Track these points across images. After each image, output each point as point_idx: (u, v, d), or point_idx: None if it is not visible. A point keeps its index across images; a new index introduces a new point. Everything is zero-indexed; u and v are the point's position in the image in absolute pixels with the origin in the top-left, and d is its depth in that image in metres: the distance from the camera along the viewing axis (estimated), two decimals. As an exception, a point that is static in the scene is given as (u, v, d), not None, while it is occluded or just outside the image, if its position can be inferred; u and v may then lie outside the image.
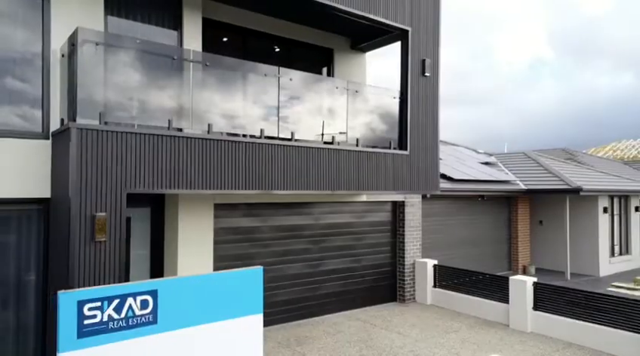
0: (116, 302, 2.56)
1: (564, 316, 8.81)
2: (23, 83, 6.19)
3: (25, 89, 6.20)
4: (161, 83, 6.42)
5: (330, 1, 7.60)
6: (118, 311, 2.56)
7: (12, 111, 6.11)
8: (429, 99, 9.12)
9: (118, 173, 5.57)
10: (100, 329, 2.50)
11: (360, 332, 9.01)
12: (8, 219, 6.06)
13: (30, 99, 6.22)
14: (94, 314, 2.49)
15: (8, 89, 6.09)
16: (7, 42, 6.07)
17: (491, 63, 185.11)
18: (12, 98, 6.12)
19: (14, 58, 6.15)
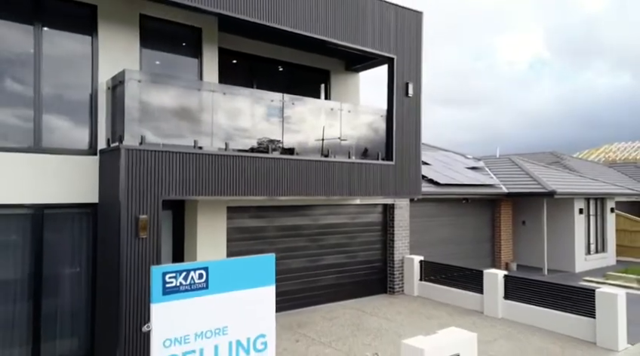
0: (184, 273, 3.94)
1: (529, 303, 10.24)
2: (76, 110, 7.62)
3: (78, 115, 7.62)
4: (187, 109, 7.85)
5: (328, 37, 9.04)
6: (185, 279, 3.94)
7: (68, 133, 7.54)
8: (412, 116, 10.55)
9: (155, 184, 6.99)
10: (175, 290, 3.88)
11: (353, 318, 10.42)
12: (65, 219, 7.48)
13: (82, 123, 7.64)
14: (172, 280, 3.88)
15: (65, 115, 7.52)
16: (66, 78, 7.50)
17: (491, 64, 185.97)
18: (68, 122, 7.55)
19: (70, 90, 7.58)
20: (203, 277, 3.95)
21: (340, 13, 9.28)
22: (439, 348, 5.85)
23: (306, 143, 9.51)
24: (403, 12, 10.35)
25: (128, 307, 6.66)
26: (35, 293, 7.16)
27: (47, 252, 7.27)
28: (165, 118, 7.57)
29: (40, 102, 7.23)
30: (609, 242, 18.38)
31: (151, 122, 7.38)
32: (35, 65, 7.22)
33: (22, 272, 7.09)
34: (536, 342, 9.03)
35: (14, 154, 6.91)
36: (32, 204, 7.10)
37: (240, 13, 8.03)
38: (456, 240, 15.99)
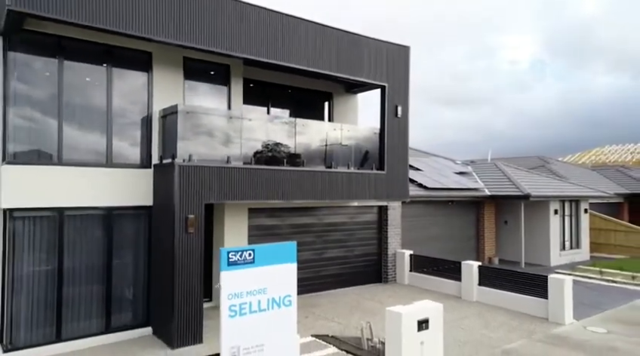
0: (240, 252, 6.02)
1: (498, 289, 12.36)
2: (136, 133, 9.78)
3: (137, 137, 9.78)
4: (220, 132, 10.00)
5: (331, 72, 11.20)
6: (240, 256, 6.03)
7: (129, 151, 9.70)
8: (400, 133, 12.69)
9: (199, 191, 9.12)
10: (234, 263, 5.97)
11: (352, 301, 12.55)
12: (127, 218, 9.62)
13: (140, 144, 9.80)
14: (232, 257, 5.96)
15: (127, 138, 9.68)
16: (128, 109, 9.67)
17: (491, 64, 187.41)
18: (130, 143, 9.71)
19: (131, 118, 9.74)
20: (251, 255, 6.04)
21: (341, 52, 11.43)
22: (413, 313, 7.97)
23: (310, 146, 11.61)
24: (393, 47, 12.49)
25: (180, 285, 8.81)
26: (107, 276, 9.31)
27: (115, 244, 9.42)
28: (205, 138, 9.72)
29: (110, 128, 9.40)
30: (583, 240, 20.46)
31: (194, 142, 9.52)
32: (108, 99, 9.38)
33: (98, 260, 9.24)
34: (500, 318, 11.16)
35: (93, 168, 9.07)
36: (105, 207, 9.25)
37: (258, 56, 10.18)
38: (444, 237, 18.10)
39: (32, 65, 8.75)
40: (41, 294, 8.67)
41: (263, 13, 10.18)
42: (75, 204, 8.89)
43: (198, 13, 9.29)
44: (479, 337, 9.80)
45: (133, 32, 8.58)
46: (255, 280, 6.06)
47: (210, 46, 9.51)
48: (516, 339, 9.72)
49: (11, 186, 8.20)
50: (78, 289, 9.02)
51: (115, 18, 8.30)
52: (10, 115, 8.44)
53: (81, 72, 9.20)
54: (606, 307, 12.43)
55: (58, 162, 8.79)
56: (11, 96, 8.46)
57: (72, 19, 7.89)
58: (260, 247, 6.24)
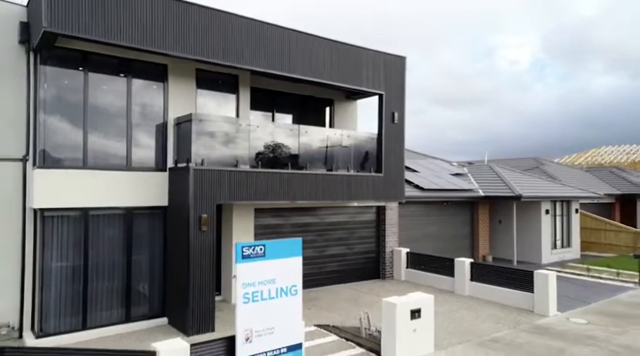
0: (252, 247, 6.85)
1: (488, 284, 13.20)
2: (152, 139, 10.62)
3: (153, 143, 10.62)
4: (230, 138, 10.84)
5: (332, 81, 12.05)
6: (253, 250, 6.86)
7: (147, 156, 10.54)
8: (397, 138, 13.53)
9: (211, 192, 9.96)
10: (247, 256, 6.80)
11: (351, 295, 13.39)
12: (146, 217, 10.46)
13: (156, 149, 10.64)
14: (246, 251, 6.79)
15: (145, 144, 10.52)
16: (146, 116, 10.51)
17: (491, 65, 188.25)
18: (147, 149, 10.55)
19: (148, 125, 10.58)
20: (262, 249, 6.86)
21: (342, 62, 12.27)
22: (407, 303, 8.81)
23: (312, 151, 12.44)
24: (390, 58, 13.34)
25: (195, 278, 9.65)
26: (127, 270, 10.16)
27: (134, 241, 10.27)
28: (216, 143, 10.56)
29: (130, 134, 10.25)
30: (573, 238, 21.29)
31: (207, 147, 10.36)
32: (127, 107, 10.23)
33: (118, 256, 10.08)
34: (489, 311, 12.00)
35: (115, 172, 9.91)
36: (125, 207, 10.10)
37: (264, 68, 11.01)
38: (440, 236, 18.94)
39: (60, 77, 9.60)
40: (68, 286, 9.52)
41: (268, 28, 11.02)
42: (98, 205, 9.74)
43: (209, 29, 10.12)
44: (469, 327, 10.63)
45: (152, 48, 9.42)
46: (265, 272, 6.90)
47: (220, 59, 10.34)
48: (503, 329, 10.55)
49: (42, 188, 9.04)
50: (102, 282, 9.87)
51: (135, 36, 9.14)
52: (41, 123, 9.29)
53: (103, 83, 10.05)
54: (589, 301, 13.27)
55: (83, 166, 9.64)
56: (41, 106, 9.31)
57: (98, 38, 8.74)
58: (270, 242, 7.08)
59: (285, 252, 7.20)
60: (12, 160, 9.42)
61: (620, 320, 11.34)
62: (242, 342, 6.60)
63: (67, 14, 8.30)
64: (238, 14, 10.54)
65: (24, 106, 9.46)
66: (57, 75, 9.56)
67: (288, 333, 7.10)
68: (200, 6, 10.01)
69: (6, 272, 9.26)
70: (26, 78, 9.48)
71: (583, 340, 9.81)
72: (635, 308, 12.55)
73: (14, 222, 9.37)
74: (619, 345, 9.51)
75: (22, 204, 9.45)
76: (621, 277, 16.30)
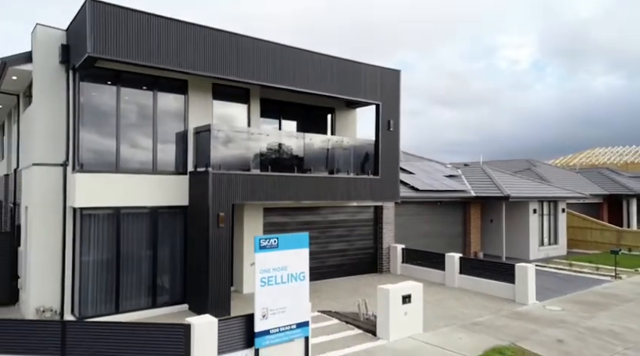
0: (268, 240, 8.16)
1: (474, 276, 14.53)
2: (174, 146, 11.97)
3: (175, 149, 11.97)
4: (243, 145, 12.19)
5: (333, 94, 13.39)
6: (268, 242, 8.17)
7: (169, 161, 11.88)
8: (393, 143, 14.88)
9: (227, 193, 11.29)
10: (264, 247, 8.12)
11: (351, 287, 14.72)
12: (168, 215, 11.80)
13: (177, 155, 11.99)
14: (263, 242, 8.11)
15: (168, 150, 11.87)
16: (169, 126, 11.86)
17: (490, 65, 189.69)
18: (170, 155, 11.90)
19: (171, 134, 11.93)
20: (276, 242, 8.19)
21: (342, 76, 13.60)
22: (399, 289, 10.15)
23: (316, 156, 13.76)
24: (387, 71, 14.68)
25: (213, 269, 10.98)
26: (153, 262, 11.51)
27: (158, 236, 11.61)
28: (231, 150, 11.91)
29: (156, 141, 11.60)
30: (560, 236, 22.61)
31: (222, 153, 11.70)
32: (153, 117, 11.58)
33: (145, 249, 11.43)
34: (476, 300, 13.34)
35: (143, 175, 11.26)
36: (150, 206, 11.44)
37: (271, 83, 12.33)
38: (434, 234, 20.26)
39: (95, 92, 10.95)
40: (102, 276, 10.87)
41: (276, 47, 12.36)
42: (128, 204, 11.09)
43: (224, 50, 11.45)
44: (455, 313, 11.98)
45: (176, 68, 10.77)
46: (278, 260, 8.22)
47: (234, 76, 11.67)
48: (485, 314, 11.89)
49: (81, 190, 10.38)
50: (131, 272, 11.22)
51: (162, 58, 10.49)
52: (80, 133, 10.64)
53: (133, 97, 11.40)
54: (567, 292, 14.60)
55: (115, 170, 10.99)
56: (79, 117, 10.65)
57: (132, 60, 10.09)
58: (282, 235, 8.41)
59: (295, 244, 8.53)
60: (54, 165, 10.78)
61: (590, 307, 12.68)
62: (260, 318, 7.92)
63: (107, 41, 9.65)
64: (249, 36, 11.88)
65: (64, 117, 10.82)
66: (93, 91, 10.91)
67: (297, 313, 8.42)
68: (216, 29, 11.35)
69: (49, 263, 10.61)
70: (65, 93, 10.84)
71: (554, 323, 11.15)
72: (607, 297, 13.89)
73: (56, 219, 10.73)
74: (585, 328, 10.86)
75: (62, 204, 10.81)
76: (600, 272, 17.63)
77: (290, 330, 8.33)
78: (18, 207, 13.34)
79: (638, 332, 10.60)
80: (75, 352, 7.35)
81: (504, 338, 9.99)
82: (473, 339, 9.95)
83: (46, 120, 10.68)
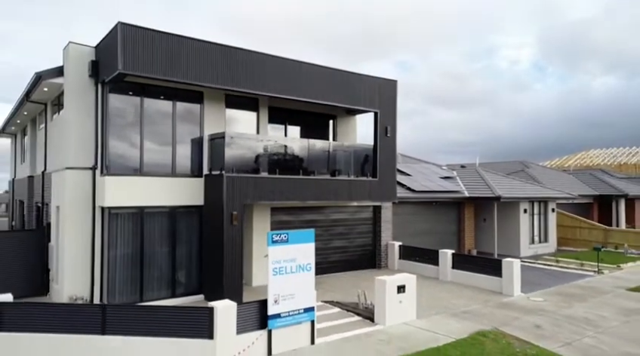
0: (279, 235, 9.34)
1: (465, 270, 15.72)
2: (190, 152, 13.17)
3: (191, 155, 13.17)
4: (252, 150, 13.39)
5: (335, 103, 14.60)
6: (280, 237, 9.32)
7: (187, 164, 13.09)
8: (390, 148, 16.08)
9: (239, 194, 12.49)
10: (276, 241, 9.27)
11: (352, 280, 15.91)
12: (186, 214, 13.01)
13: (193, 159, 13.20)
14: (275, 237, 9.26)
15: (185, 155, 13.07)
16: (187, 133, 13.07)
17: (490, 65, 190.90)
18: (187, 159, 13.10)
19: (188, 140, 13.13)
20: (286, 237, 9.37)
21: (343, 87, 14.80)
22: (394, 280, 11.35)
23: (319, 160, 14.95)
24: (384, 81, 15.88)
25: (227, 263, 12.17)
26: (172, 257, 12.71)
27: (177, 233, 12.82)
28: (242, 155, 13.11)
29: (175, 147, 12.80)
30: (550, 234, 23.81)
31: (234, 157, 12.90)
32: (173, 125, 12.79)
33: (165, 245, 12.64)
34: (466, 292, 14.54)
35: (163, 178, 12.46)
36: (171, 206, 12.65)
37: (278, 94, 13.52)
38: (430, 232, 21.46)
39: (121, 103, 12.15)
40: (127, 268, 12.08)
41: (283, 61, 13.55)
42: (151, 204, 12.30)
43: (236, 65, 12.65)
44: (446, 303, 13.18)
45: (194, 81, 11.96)
46: (288, 253, 9.42)
47: (244, 88, 12.87)
48: (473, 304, 13.09)
49: (109, 191, 11.58)
50: (153, 265, 12.43)
51: (182, 73, 11.68)
52: (108, 140, 11.84)
53: (154, 107, 12.61)
54: (551, 285, 15.80)
55: (139, 173, 12.19)
56: (106, 125, 11.85)
57: (156, 76, 11.29)
58: (291, 231, 9.60)
59: (302, 239, 9.73)
60: (84, 169, 11.99)
61: (570, 298, 13.89)
62: (272, 303, 9.12)
63: (135, 59, 10.85)
64: (259, 51, 13.08)
65: (93, 125, 12.02)
66: (119, 101, 12.11)
67: (304, 299, 9.61)
68: (229, 47, 12.55)
69: (80, 257, 11.82)
70: (94, 104, 12.04)
71: (535, 312, 12.36)
72: (586, 290, 15.09)
73: (86, 217, 11.93)
74: (562, 315, 12.06)
75: (92, 204, 12.01)
76: (584, 268, 18.83)
77: (298, 314, 9.53)
78: (46, 207, 14.55)
79: (609, 320, 11.80)
80: (114, 331, 8.55)
81: (488, 324, 11.19)
82: (460, 324, 11.16)
83: (77, 128, 11.88)
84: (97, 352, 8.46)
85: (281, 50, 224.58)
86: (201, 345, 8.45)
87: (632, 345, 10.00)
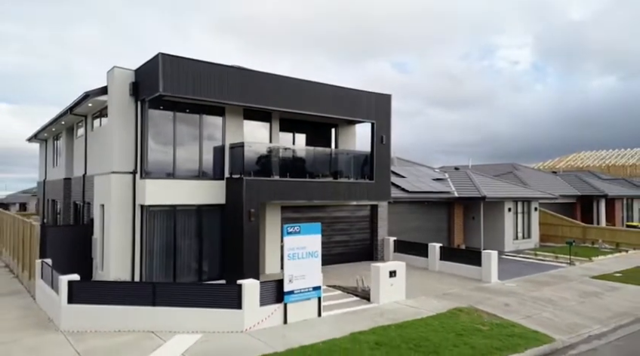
0: (293, 227, 11.52)
1: (451, 261, 17.98)
2: (213, 158, 15.44)
3: (214, 160, 15.44)
4: (267, 157, 15.66)
5: (337, 115, 16.87)
6: (293, 228, 11.52)
7: (210, 169, 15.35)
8: (385, 154, 18.34)
9: (256, 194, 14.75)
10: (290, 232, 11.42)
11: (351, 270, 18.14)
12: (210, 211, 15.27)
13: (216, 165, 15.46)
14: (290, 229, 11.45)
15: (209, 161, 15.35)
16: (211, 141, 15.35)
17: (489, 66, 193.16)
18: (210, 164, 15.37)
19: (212, 147, 15.40)
20: (299, 229, 11.59)
21: (344, 101, 17.06)
22: (387, 266, 13.61)
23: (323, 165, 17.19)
24: (380, 96, 18.15)
25: (246, 252, 14.41)
26: (199, 247, 14.98)
27: (203, 228, 15.08)
28: (257, 160, 15.38)
29: (201, 154, 15.07)
30: (533, 231, 26.06)
31: (251, 162, 15.16)
32: (200, 135, 15.06)
33: (194, 238, 14.90)
34: (451, 279, 16.78)
35: (191, 180, 14.73)
36: (197, 204, 14.92)
37: (288, 108, 15.77)
38: (422, 229, 23.71)
39: (157, 117, 14.41)
40: (162, 256, 14.34)
41: (292, 81, 15.81)
42: (181, 202, 14.56)
43: (253, 85, 14.90)
44: (432, 288, 15.42)
45: (219, 100, 14.22)
46: (300, 242, 11.66)
47: (259, 104, 15.13)
48: (455, 288, 15.33)
49: (148, 192, 13.83)
50: (183, 254, 14.70)
51: (209, 93, 13.94)
52: (147, 149, 14.10)
53: (184, 120, 14.88)
54: (526, 274, 18.05)
55: (173, 177, 14.46)
56: (145, 136, 14.11)
57: (189, 96, 13.56)
58: (302, 225, 11.87)
59: (311, 231, 11.97)
60: (126, 173, 14.25)
61: (539, 284, 16.14)
62: (287, 282, 11.36)
63: (172, 83, 13.12)
64: (272, 73, 15.34)
65: (133, 136, 14.27)
66: (155, 116, 14.37)
67: (312, 279, 11.85)
68: (247, 69, 14.83)
69: (123, 246, 14.08)
70: (134, 118, 14.30)
71: (507, 294, 14.61)
72: (555, 278, 17.35)
73: (128, 214, 14.19)
74: (529, 297, 14.32)
75: (132, 202, 14.27)
76: (559, 260, 21.09)
77: (308, 292, 11.78)
78: (88, 205, 16.81)
79: (568, 300, 14.06)
80: (162, 303, 10.79)
81: (465, 302, 13.44)
82: (442, 303, 13.42)
83: (120, 138, 14.14)
84: (149, 320, 10.70)
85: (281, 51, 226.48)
86: (232, 313, 10.70)
87: (580, 318, 12.27)
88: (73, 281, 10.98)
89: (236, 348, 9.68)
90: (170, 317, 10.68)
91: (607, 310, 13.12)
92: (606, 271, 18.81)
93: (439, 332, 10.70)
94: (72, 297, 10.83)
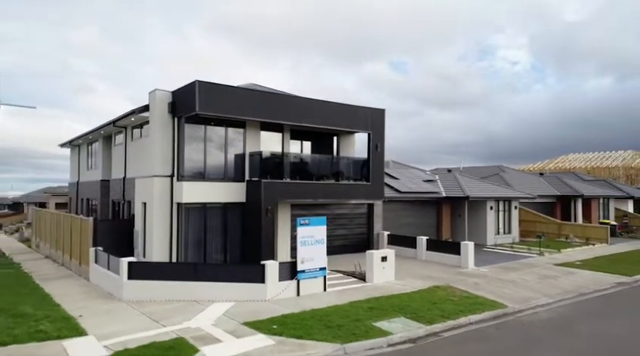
0: (304, 219, 14.56)
1: (436, 252, 21.06)
2: (235, 164, 18.52)
3: (235, 166, 18.52)
4: (279, 163, 18.75)
5: (338, 128, 19.96)
6: (304, 221, 14.53)
7: (233, 173, 18.44)
8: (379, 160, 21.43)
9: (272, 194, 17.82)
10: (302, 224, 14.40)
11: (350, 260, 21.15)
12: (233, 208, 18.36)
13: (235, 169, 18.55)
14: (302, 221, 14.44)
15: (232, 167, 18.42)
16: (234, 150, 18.43)
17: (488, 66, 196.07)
18: (234, 169, 18.46)
19: (234, 154, 18.48)
20: (309, 221, 14.60)
21: (344, 115, 20.14)
22: (379, 253, 16.69)
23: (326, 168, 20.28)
24: (376, 110, 21.23)
25: (264, 243, 17.47)
26: (224, 239, 18.06)
27: (227, 222, 18.17)
28: (271, 166, 18.46)
29: (226, 161, 18.16)
30: (513, 227, 29.12)
31: (267, 167, 18.22)
32: (225, 144, 18.15)
33: (220, 230, 17.99)
34: (434, 267, 19.86)
35: (219, 182, 17.82)
36: (223, 202, 18.00)
37: (297, 122, 18.85)
38: (413, 225, 26.78)
39: (191, 130, 17.48)
40: (195, 246, 17.42)
41: (301, 99, 18.89)
42: (210, 200, 17.64)
43: (268, 103, 17.98)
44: (417, 272, 18.50)
45: (241, 116, 17.32)
46: (309, 232, 14.73)
47: (273, 119, 18.21)
48: (437, 273, 18.40)
49: (184, 192, 16.91)
50: (212, 244, 17.78)
51: (234, 111, 17.03)
52: (183, 156, 17.17)
53: (213, 132, 17.97)
54: (499, 262, 21.12)
55: (204, 179, 17.54)
56: (181, 146, 17.18)
57: (218, 114, 16.65)
58: (311, 218, 14.95)
59: (318, 223, 15.05)
60: (165, 176, 17.33)
61: (508, 270, 19.23)
62: (300, 263, 14.44)
63: (206, 104, 16.20)
64: (285, 93, 18.45)
65: (170, 146, 17.35)
66: (190, 130, 17.45)
67: (319, 261, 14.92)
68: (264, 91, 17.91)
69: (163, 237, 17.16)
70: (171, 131, 17.37)
71: (478, 276, 17.70)
72: (524, 265, 20.43)
73: (166, 210, 17.28)
74: (496, 279, 17.41)
75: (170, 200, 17.35)
76: (531, 251, 24.17)
77: (315, 271, 14.87)
78: (128, 204, 19.89)
79: (528, 281, 17.14)
80: (201, 279, 13.86)
81: (442, 283, 16.52)
82: (424, 282, 16.50)
83: (160, 148, 17.22)
84: (192, 292, 13.76)
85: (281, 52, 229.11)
86: (257, 287, 13.78)
87: (533, 293, 15.35)
88: (132, 262, 14.06)
89: (263, 310, 12.76)
90: (208, 289, 13.74)
91: (558, 288, 16.20)
92: (569, 260, 21.90)
93: (419, 302, 13.78)
94: (131, 274, 13.90)
